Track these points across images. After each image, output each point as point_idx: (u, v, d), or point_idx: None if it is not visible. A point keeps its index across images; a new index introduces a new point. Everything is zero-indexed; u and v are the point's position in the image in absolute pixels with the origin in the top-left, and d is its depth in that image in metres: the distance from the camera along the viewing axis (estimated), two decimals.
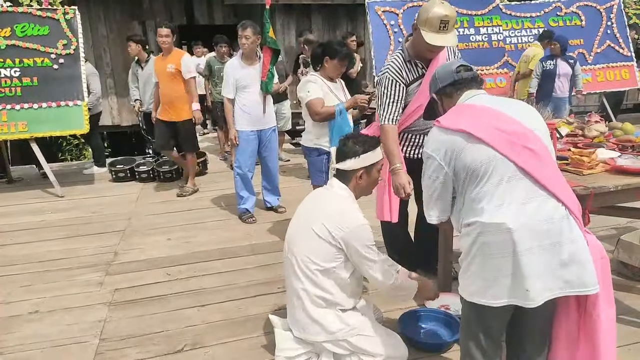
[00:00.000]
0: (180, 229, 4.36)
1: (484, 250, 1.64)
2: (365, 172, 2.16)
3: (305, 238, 2.13)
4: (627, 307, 2.83)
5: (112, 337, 2.72)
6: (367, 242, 2.08)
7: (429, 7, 2.51)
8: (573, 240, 1.60)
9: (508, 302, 1.62)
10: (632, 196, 2.31)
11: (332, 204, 2.14)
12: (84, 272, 3.53)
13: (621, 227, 3.96)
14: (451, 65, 1.92)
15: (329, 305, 2.15)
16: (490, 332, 1.75)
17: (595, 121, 3.19)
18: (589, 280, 1.61)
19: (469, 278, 1.71)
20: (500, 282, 1.62)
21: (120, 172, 6.03)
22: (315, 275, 2.11)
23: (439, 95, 1.94)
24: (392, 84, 2.69)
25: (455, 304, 2.80)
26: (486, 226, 1.62)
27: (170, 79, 4.97)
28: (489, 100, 1.80)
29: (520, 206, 1.60)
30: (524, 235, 1.57)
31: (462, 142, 1.68)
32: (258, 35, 4.20)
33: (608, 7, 7.76)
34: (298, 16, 9.83)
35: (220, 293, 3.17)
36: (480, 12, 7.25)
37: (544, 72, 6.21)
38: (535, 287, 1.58)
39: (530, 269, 1.57)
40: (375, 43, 6.74)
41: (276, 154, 4.65)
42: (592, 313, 1.68)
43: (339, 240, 2.06)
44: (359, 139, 2.19)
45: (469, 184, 1.69)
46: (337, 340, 2.15)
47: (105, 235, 4.26)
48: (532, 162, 1.62)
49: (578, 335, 1.73)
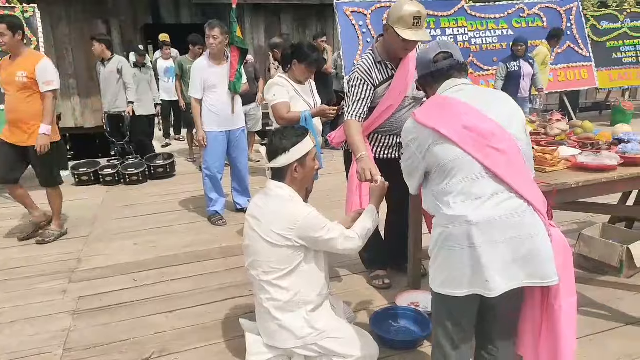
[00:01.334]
0: (147, 233, 4.26)
1: (447, 242, 1.70)
2: (299, 164, 2.11)
3: (260, 249, 2.10)
4: (588, 299, 2.92)
5: (76, 346, 2.63)
6: (320, 227, 2.06)
7: (400, 6, 2.55)
8: (534, 235, 1.65)
9: (470, 292, 1.67)
10: (592, 192, 2.38)
11: (274, 207, 2.10)
12: (46, 280, 3.41)
13: (582, 221, 4.09)
14: (429, 54, 1.88)
15: (298, 307, 2.13)
16: (459, 322, 1.80)
17: (557, 120, 3.28)
18: (548, 272, 1.66)
19: (436, 269, 1.76)
20: (462, 272, 1.67)
21: (83, 176, 5.86)
22: (280, 280, 2.09)
23: (421, 82, 1.97)
24: (360, 83, 2.73)
25: (424, 301, 2.83)
26: (449, 219, 1.68)
27: (20, 91, 3.76)
28: (466, 93, 1.79)
29: (483, 201, 1.65)
30: (484, 228, 1.63)
31: (431, 139, 1.72)
32: (226, 35, 4.14)
33: (568, 9, 8.04)
34: (267, 16, 9.77)
35: (189, 298, 3.11)
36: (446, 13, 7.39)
37: (509, 73, 6.31)
38: (494, 278, 1.63)
39: (489, 261, 1.62)
40: (344, 43, 6.78)
41: (246, 154, 4.60)
42: (553, 304, 1.74)
43: (294, 240, 2.04)
44: (285, 134, 2.11)
45: (437, 177, 1.74)
46: (307, 345, 2.15)
47: (68, 241, 4.13)
48: (498, 161, 1.65)
49: (541, 325, 1.80)
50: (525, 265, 1.65)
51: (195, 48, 6.17)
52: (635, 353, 2.42)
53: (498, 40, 7.64)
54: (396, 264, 3.25)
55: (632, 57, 9.10)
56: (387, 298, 2.98)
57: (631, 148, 2.53)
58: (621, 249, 3.03)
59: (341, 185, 3.56)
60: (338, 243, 2.10)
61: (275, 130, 2.21)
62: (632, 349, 2.46)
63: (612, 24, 9.05)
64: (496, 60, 7.42)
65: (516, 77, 6.29)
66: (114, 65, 5.72)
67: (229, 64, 4.21)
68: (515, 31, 7.53)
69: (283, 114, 3.26)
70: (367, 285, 3.17)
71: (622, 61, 9.03)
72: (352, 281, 3.22)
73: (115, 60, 5.73)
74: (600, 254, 3.15)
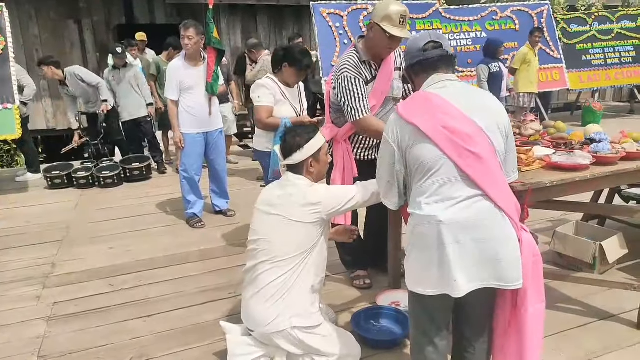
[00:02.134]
0: (124, 236, 4.18)
1: (419, 241, 1.73)
2: (313, 159, 2.21)
3: (278, 234, 2.13)
4: (563, 295, 2.99)
5: (51, 353, 2.56)
6: (346, 198, 2.17)
7: (387, 5, 2.58)
8: (502, 238, 1.68)
9: (439, 292, 1.70)
10: (566, 191, 2.44)
11: (296, 192, 2.16)
12: (19, 286, 3.31)
13: (556, 219, 4.19)
14: (420, 41, 1.87)
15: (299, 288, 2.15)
16: (435, 320, 1.82)
17: (531, 120, 3.35)
18: (514, 275, 1.69)
19: (409, 268, 1.79)
20: (430, 272, 1.70)
21: (56, 179, 5.71)
22: (287, 263, 2.12)
23: (408, 72, 1.97)
24: (354, 80, 2.66)
25: (405, 300, 2.83)
26: (421, 218, 1.71)
27: None
28: (451, 91, 1.78)
29: (455, 203, 1.67)
30: (454, 228, 1.65)
31: (413, 136, 1.73)
32: (202, 35, 4.09)
33: (539, 12, 8.23)
34: (244, 16, 9.72)
35: (168, 302, 3.07)
36: (422, 15, 7.47)
37: (492, 74, 6.38)
38: (461, 279, 1.65)
39: (456, 261, 1.65)
40: (320, 44, 6.78)
41: (224, 156, 4.56)
42: (520, 307, 1.78)
43: (322, 217, 2.13)
44: (297, 132, 2.21)
45: (416, 176, 1.76)
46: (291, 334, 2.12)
47: (41, 246, 4.02)
48: (473, 165, 1.67)
49: (509, 326, 1.84)
50: (491, 266, 1.67)
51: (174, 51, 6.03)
52: (609, 347, 2.49)
53: (472, 43, 7.76)
54: (376, 264, 3.26)
55: (601, 60, 9.37)
56: (368, 298, 2.99)
57: (602, 148, 2.60)
58: (594, 245, 3.11)
59: None
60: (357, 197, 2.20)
61: (289, 129, 2.31)
62: (606, 342, 2.53)
63: (581, 27, 9.31)
64: (470, 62, 7.54)
65: (498, 78, 6.41)
66: (74, 80, 5.67)
67: (206, 65, 4.17)
68: (489, 34, 7.66)
69: (263, 118, 3.24)
70: (348, 286, 3.18)
71: (592, 63, 9.29)
72: (333, 282, 3.22)
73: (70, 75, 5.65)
74: (574, 251, 3.23)
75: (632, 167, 2.51)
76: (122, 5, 9.03)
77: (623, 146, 2.68)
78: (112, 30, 9.08)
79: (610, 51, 9.41)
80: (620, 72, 9.44)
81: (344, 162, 2.86)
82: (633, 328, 2.65)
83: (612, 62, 9.41)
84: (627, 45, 9.49)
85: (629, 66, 9.48)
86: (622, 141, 2.76)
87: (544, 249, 3.40)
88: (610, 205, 3.76)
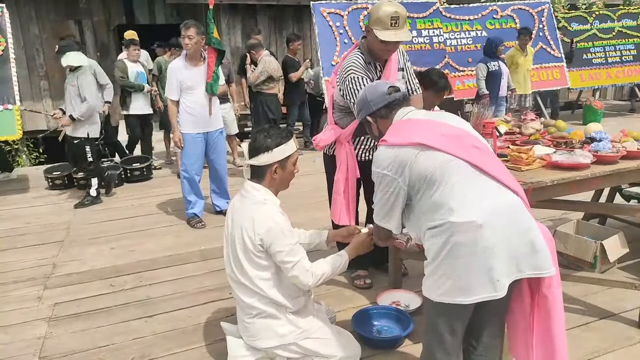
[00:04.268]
0: (125, 236, 4.19)
1: (456, 250, 1.63)
2: (279, 166, 2.08)
3: (238, 251, 2.09)
4: (564, 294, 2.93)
5: (53, 354, 2.57)
6: (284, 243, 2.02)
7: (378, 7, 2.55)
8: (531, 227, 1.68)
9: (482, 298, 1.64)
10: (566, 190, 2.44)
11: (247, 210, 2.07)
12: (20, 287, 3.31)
13: (557, 218, 4.18)
14: (381, 87, 1.94)
15: (278, 310, 2.13)
16: (455, 331, 1.77)
17: (531, 119, 3.35)
18: (547, 263, 1.69)
19: (437, 279, 1.69)
20: (471, 279, 1.63)
21: (57, 179, 5.72)
22: (256, 286, 2.08)
23: (374, 117, 1.95)
24: (361, 80, 2.63)
25: (405, 300, 2.86)
26: (457, 226, 1.62)
27: None
28: (424, 114, 1.92)
29: (482, 201, 1.64)
30: (492, 229, 1.61)
31: (413, 153, 1.70)
32: (202, 35, 4.10)
33: (539, 11, 8.22)
34: (244, 16, 9.71)
35: (169, 302, 3.07)
36: (422, 15, 7.46)
37: (491, 73, 6.36)
38: (503, 277, 1.63)
39: (498, 260, 1.62)
40: (321, 44, 6.77)
41: (224, 156, 4.56)
42: (546, 294, 1.76)
43: (259, 246, 2.02)
44: (270, 132, 2.07)
45: (427, 190, 1.69)
46: (288, 344, 2.14)
47: (42, 246, 4.02)
48: (482, 158, 1.69)
49: (532, 317, 1.81)
50: (528, 257, 1.66)
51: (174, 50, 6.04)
52: (610, 346, 2.49)
53: (472, 42, 7.75)
54: (377, 264, 3.26)
55: (601, 58, 9.36)
56: (369, 298, 3.00)
57: (603, 146, 2.60)
58: (595, 244, 3.11)
59: (320, 185, 3.56)
60: (293, 269, 2.04)
61: (261, 128, 2.16)
62: (607, 342, 2.53)
63: (582, 26, 9.29)
64: (471, 61, 7.52)
65: (497, 77, 6.38)
66: None
67: (206, 65, 4.17)
68: (489, 32, 7.65)
69: None
70: (349, 286, 3.18)
71: (592, 62, 9.28)
72: (333, 282, 3.22)
73: None
74: (575, 250, 3.23)
75: (632, 166, 2.51)
76: (122, 6, 9.03)
77: (624, 145, 2.68)
78: (112, 30, 9.08)
79: (611, 50, 9.40)
80: (621, 70, 9.43)
81: (347, 163, 2.86)
82: (634, 327, 2.64)
83: (613, 61, 9.40)
84: (628, 43, 9.47)
85: (629, 65, 9.47)
86: (623, 140, 2.76)
87: None
88: (611, 204, 3.75)
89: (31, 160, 8.36)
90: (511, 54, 6.98)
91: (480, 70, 6.38)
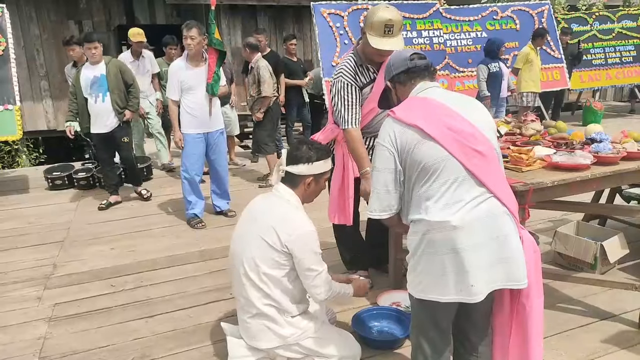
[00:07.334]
0: (125, 237, 4.19)
1: (430, 248, 1.68)
2: (314, 179, 2.14)
3: (254, 246, 2.08)
4: (564, 295, 2.99)
5: (53, 354, 2.57)
6: (314, 251, 2.06)
7: (374, 12, 2.53)
8: (510, 237, 1.68)
9: (455, 299, 1.67)
10: (567, 190, 2.44)
11: (281, 208, 2.10)
12: (20, 287, 3.31)
13: (557, 219, 4.18)
14: (405, 53, 1.91)
15: (279, 312, 2.13)
16: (440, 326, 1.80)
17: (532, 120, 3.35)
18: (521, 275, 1.70)
19: (417, 276, 1.74)
20: (446, 278, 1.66)
21: (57, 180, 5.71)
22: (264, 284, 2.08)
23: (392, 82, 1.93)
24: (348, 87, 2.65)
25: (406, 300, 2.84)
26: (432, 224, 1.66)
27: None
28: (442, 95, 1.81)
29: (464, 205, 1.65)
30: (467, 232, 1.63)
31: (415, 138, 1.69)
32: (204, 36, 4.10)
33: (539, 12, 8.23)
34: (244, 17, 9.71)
35: (169, 302, 3.07)
36: (422, 15, 7.46)
37: (492, 74, 6.34)
38: (478, 283, 1.64)
39: (473, 265, 1.63)
40: (321, 45, 6.77)
41: (225, 156, 4.57)
42: (525, 304, 1.77)
43: (285, 245, 2.03)
44: (314, 146, 2.14)
45: (418, 180, 1.71)
46: (289, 345, 2.14)
47: (42, 247, 4.02)
48: (479, 164, 1.67)
49: (510, 324, 1.83)
50: (503, 267, 1.67)
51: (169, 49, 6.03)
52: (610, 347, 2.49)
53: (472, 43, 7.75)
54: (377, 265, 3.26)
55: (601, 59, 9.37)
56: (369, 298, 2.99)
57: (603, 147, 2.60)
58: (595, 245, 3.11)
59: None
60: (315, 278, 2.07)
61: (304, 139, 2.23)
62: (607, 343, 2.53)
63: (582, 27, 9.30)
64: (471, 62, 7.53)
65: (498, 78, 6.37)
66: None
67: (207, 65, 4.18)
68: (489, 33, 7.65)
69: None
70: None
71: (592, 63, 9.29)
72: None
73: None
74: (575, 251, 3.23)
75: (633, 167, 2.51)
76: (122, 6, 9.03)
77: (624, 146, 2.68)
78: (113, 30, 9.08)
79: (610, 51, 9.41)
80: (621, 71, 9.44)
81: (344, 162, 2.86)
82: (634, 328, 2.65)
83: (613, 62, 9.41)
84: (627, 44, 9.48)
85: (629, 66, 9.47)
86: (623, 141, 2.77)
87: (545, 249, 3.41)
88: (611, 205, 3.75)
89: (31, 160, 8.37)
90: (526, 52, 6.98)
91: (481, 72, 6.36)
